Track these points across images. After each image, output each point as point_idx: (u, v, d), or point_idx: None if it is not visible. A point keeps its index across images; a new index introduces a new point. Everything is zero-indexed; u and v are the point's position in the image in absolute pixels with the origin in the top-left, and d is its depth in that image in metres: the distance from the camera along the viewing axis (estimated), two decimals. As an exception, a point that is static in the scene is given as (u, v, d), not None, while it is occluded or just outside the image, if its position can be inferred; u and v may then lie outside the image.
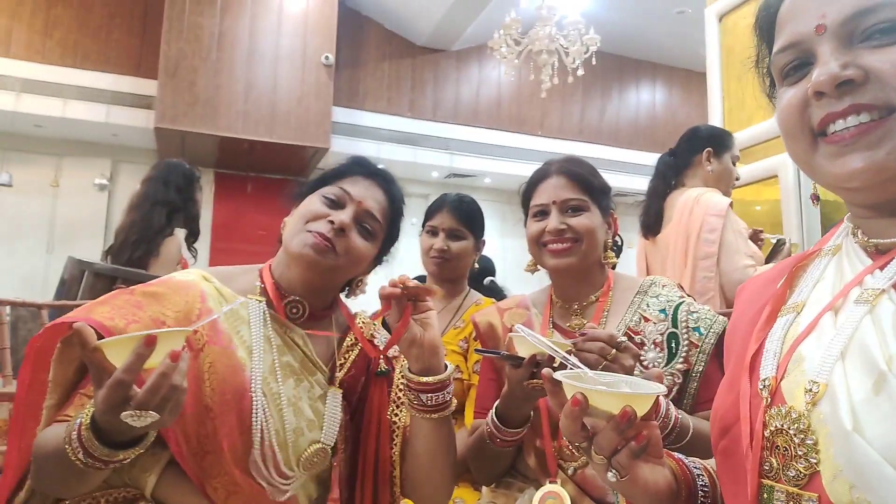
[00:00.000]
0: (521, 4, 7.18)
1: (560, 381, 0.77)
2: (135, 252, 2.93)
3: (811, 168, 0.72)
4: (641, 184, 2.86)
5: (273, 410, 1.15)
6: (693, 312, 1.34)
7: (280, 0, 8.12)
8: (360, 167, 1.32)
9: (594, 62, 6.83)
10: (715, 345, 1.31)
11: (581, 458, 1.27)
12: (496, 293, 3.14)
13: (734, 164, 2.65)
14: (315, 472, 1.23)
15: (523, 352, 1.15)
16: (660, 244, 2.64)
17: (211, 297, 1.20)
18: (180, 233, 3.30)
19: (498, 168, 9.90)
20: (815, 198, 1.25)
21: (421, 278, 2.32)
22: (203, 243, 8.82)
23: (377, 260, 1.36)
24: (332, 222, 1.20)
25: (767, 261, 2.59)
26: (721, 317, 1.35)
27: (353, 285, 1.37)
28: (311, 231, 1.20)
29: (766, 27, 0.78)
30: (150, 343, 0.85)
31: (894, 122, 0.64)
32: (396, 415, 1.28)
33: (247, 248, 8.32)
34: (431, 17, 9.08)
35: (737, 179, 2.71)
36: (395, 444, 1.26)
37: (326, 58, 8.19)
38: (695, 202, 2.47)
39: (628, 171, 9.46)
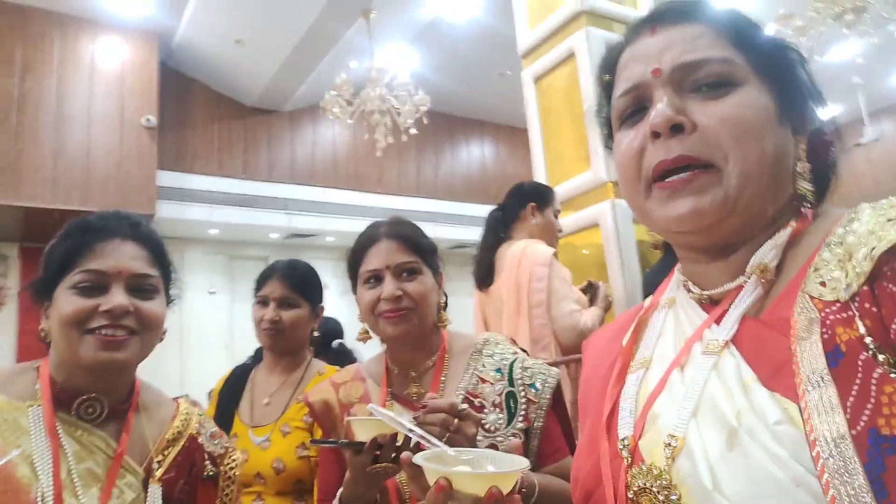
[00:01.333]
0: (351, 65, 7.31)
1: (420, 466, 0.73)
2: None
3: (643, 212, 0.75)
4: (479, 234, 2.96)
5: None
6: (527, 368, 1.34)
7: (91, 60, 7.60)
8: (94, 233, 1.12)
9: (426, 121, 7.08)
10: (551, 398, 1.32)
11: None
12: (345, 356, 3.04)
13: (556, 217, 2.84)
14: None
15: (362, 435, 1.08)
16: (493, 295, 2.74)
17: None
18: None
19: (339, 226, 9.84)
20: (655, 246, 1.32)
21: (260, 351, 2.19)
22: (8, 327, 7.83)
23: (168, 303, 1.22)
24: (108, 311, 1.05)
25: (591, 303, 2.77)
26: (554, 369, 1.37)
27: None
28: (91, 332, 1.05)
29: (605, 78, 0.82)
30: None
31: (717, 174, 0.68)
32: None
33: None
34: (260, 78, 8.97)
35: (559, 231, 2.89)
36: None
37: (148, 120, 7.75)
38: (522, 254, 2.61)
39: (465, 224, 9.83)
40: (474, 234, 3.09)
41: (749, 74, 0.70)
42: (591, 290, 2.86)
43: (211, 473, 1.19)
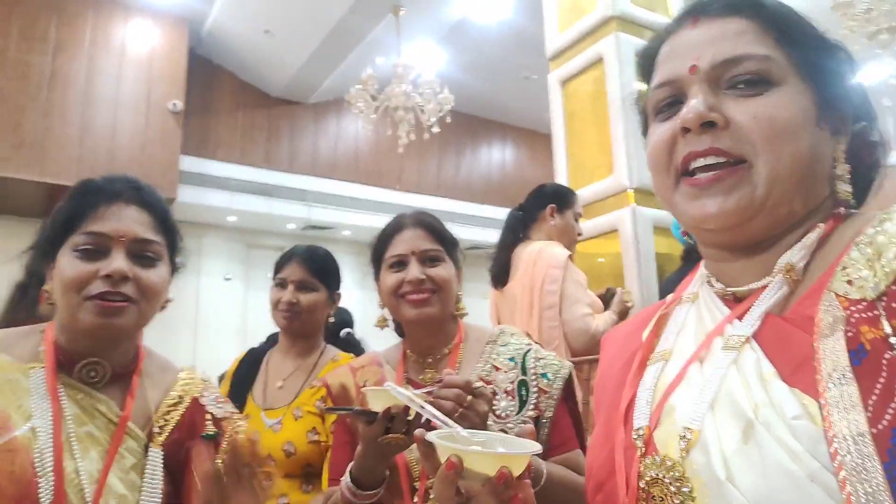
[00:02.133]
0: (377, 61, 7.34)
1: (432, 443, 0.73)
2: None
3: (671, 204, 0.76)
4: (495, 236, 2.98)
5: (71, 493, 0.98)
6: (540, 359, 1.38)
7: (122, 42, 7.70)
8: (98, 195, 1.10)
9: (449, 120, 7.10)
10: (562, 390, 1.34)
11: None
12: (353, 346, 3.06)
13: (576, 221, 2.84)
14: None
15: (377, 406, 1.10)
16: (507, 294, 2.74)
17: None
18: None
19: (356, 220, 9.88)
20: (686, 233, 1.32)
21: (273, 337, 2.21)
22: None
23: (172, 272, 1.20)
24: (108, 276, 1.03)
25: (605, 308, 2.76)
26: (567, 362, 1.40)
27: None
28: (90, 298, 1.03)
29: (645, 68, 0.82)
30: None
31: (744, 172, 0.68)
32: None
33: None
34: (287, 69, 9.03)
35: (579, 235, 2.89)
36: None
37: (174, 104, 7.84)
38: (537, 255, 2.61)
39: (482, 225, 9.84)
40: (490, 235, 3.11)
41: (789, 74, 0.69)
42: (608, 295, 2.86)
43: (211, 433, 1.18)
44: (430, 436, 0.74)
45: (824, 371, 0.58)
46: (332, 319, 2.10)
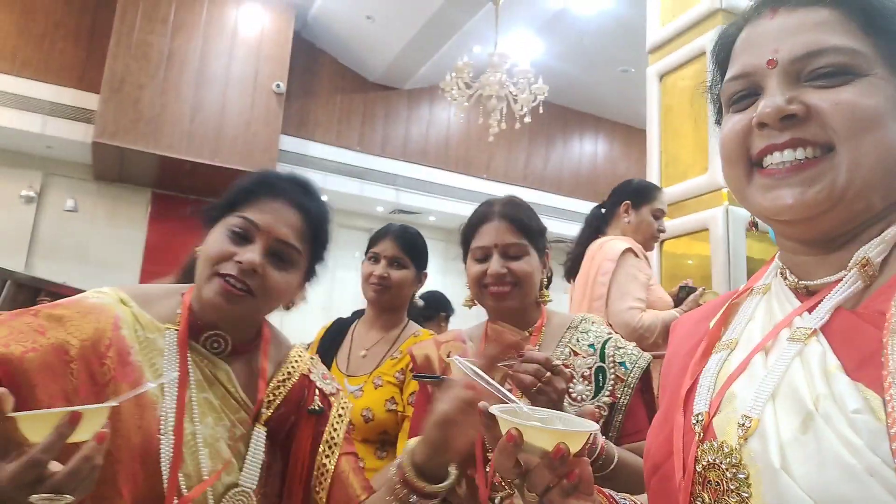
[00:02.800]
0: (474, 50, 7.37)
1: (494, 416, 0.76)
2: None
3: (744, 196, 0.75)
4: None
5: (186, 453, 1.05)
6: (620, 348, 1.39)
7: (234, 25, 8.10)
8: (265, 188, 1.16)
9: (541, 111, 7.05)
10: (639, 379, 1.35)
11: (508, 489, 1.27)
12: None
13: (656, 218, 2.78)
14: None
15: (463, 377, 1.15)
16: (576, 286, 2.75)
17: (126, 323, 1.07)
18: None
19: (442, 207, 10.00)
20: (753, 225, 1.31)
21: (359, 311, 2.31)
22: (133, 264, 8.57)
23: (307, 278, 1.25)
24: (240, 262, 1.08)
25: (676, 305, 2.69)
26: (645, 353, 1.40)
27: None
28: (220, 275, 1.08)
29: (721, 55, 0.81)
30: (74, 421, 0.79)
31: (829, 162, 0.66)
32: (327, 456, 1.18)
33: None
34: (385, 55, 9.22)
35: (661, 231, 2.83)
36: (322, 489, 1.16)
37: (278, 86, 8.17)
38: (598, 248, 2.60)
39: (569, 219, 9.71)
40: (574, 229, 3.09)
41: (875, 64, 0.67)
42: (682, 292, 2.78)
43: (317, 408, 1.21)
44: (493, 409, 0.76)
45: (892, 367, 0.57)
46: (418, 297, 2.21)
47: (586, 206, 3.44)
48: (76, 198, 8.50)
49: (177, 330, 1.11)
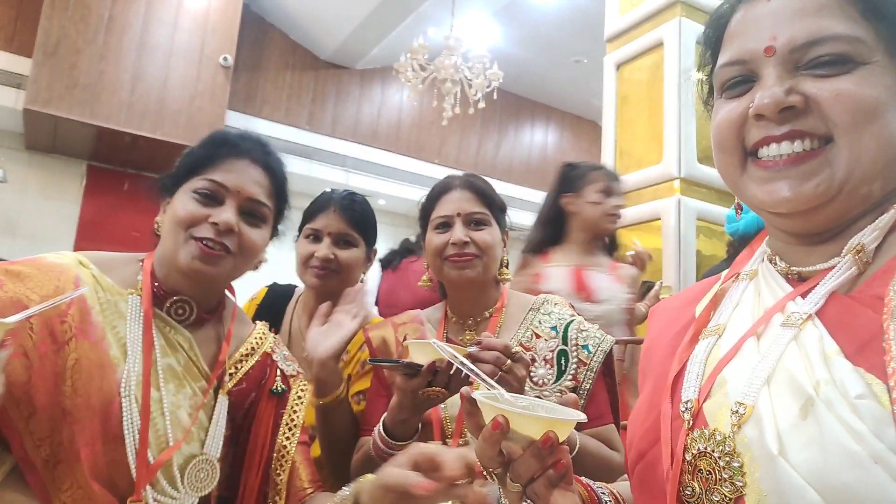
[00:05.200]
0: (429, 32, 7.28)
1: (476, 402, 0.73)
2: None
3: (737, 186, 0.73)
4: (529, 219, 2.92)
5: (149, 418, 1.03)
6: (583, 331, 1.37)
7: (180, -7, 7.76)
8: (226, 148, 1.16)
9: (495, 97, 7.03)
10: (602, 363, 1.34)
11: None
12: None
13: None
14: (203, 493, 1.08)
15: (419, 360, 1.11)
16: None
17: (87, 284, 1.05)
18: None
19: (393, 190, 9.89)
20: (739, 207, 1.31)
21: (287, 289, 1.97)
22: (66, 239, 8.16)
23: (272, 235, 1.26)
24: (215, 224, 1.09)
25: (639, 300, 2.73)
26: (609, 336, 1.39)
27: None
28: (196, 238, 1.09)
29: (713, 36, 0.77)
30: None
31: (828, 153, 0.65)
32: (288, 439, 1.18)
33: (117, 249, 7.68)
34: (338, 33, 9.01)
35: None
36: (283, 471, 1.16)
37: (225, 59, 7.88)
38: None
39: (518, 207, 9.74)
40: (524, 217, 3.05)
41: (875, 51, 0.65)
42: (643, 288, 2.80)
43: (280, 390, 1.21)
44: (477, 395, 0.73)
45: (894, 351, 0.56)
46: (364, 278, 1.79)
47: (535, 195, 3.43)
48: (5, 168, 8.01)
49: (139, 295, 1.10)
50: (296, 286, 1.94)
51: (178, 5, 7.72)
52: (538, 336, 1.36)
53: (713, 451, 0.64)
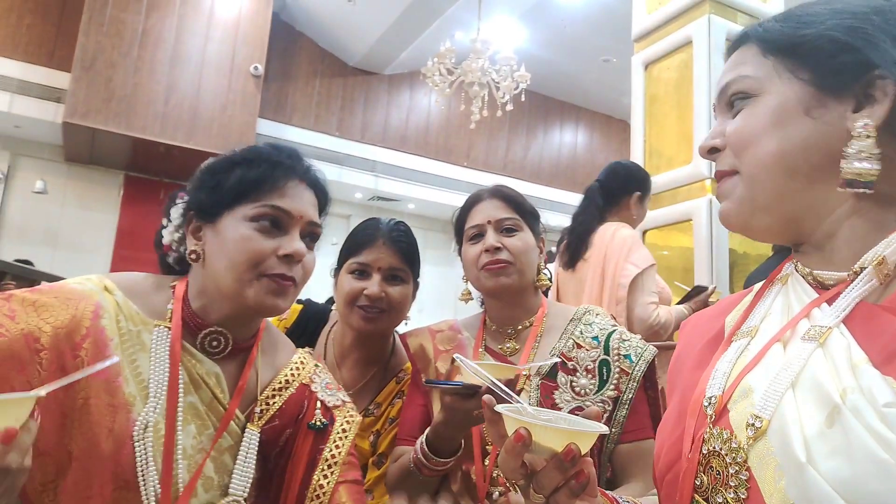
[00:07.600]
0: (456, 36, 7.30)
1: (499, 413, 0.73)
2: None
3: None
4: (560, 220, 2.90)
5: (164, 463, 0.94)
6: (625, 340, 1.35)
7: (211, 4, 7.92)
8: (285, 170, 1.05)
9: (523, 99, 7.02)
10: (644, 373, 1.32)
11: (508, 487, 1.23)
12: None
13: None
14: None
15: (475, 379, 1.04)
16: (577, 275, 2.67)
17: (107, 313, 0.97)
18: None
19: (422, 195, 9.94)
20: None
21: (322, 309, 1.80)
22: (105, 249, 8.39)
23: None
24: (287, 256, 0.99)
25: (682, 303, 2.68)
26: (651, 346, 1.36)
27: None
28: (268, 276, 0.99)
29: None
30: None
31: (736, 180, 0.74)
32: (325, 476, 1.06)
33: (153, 257, 7.87)
34: (366, 39, 9.10)
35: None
36: None
37: (256, 68, 8.02)
38: (611, 237, 2.53)
39: (548, 208, 9.72)
40: (555, 219, 3.04)
41: (774, 78, 0.71)
42: (694, 291, 2.76)
43: (319, 424, 1.09)
44: (501, 408, 0.74)
45: None
46: (408, 319, 1.62)
47: (565, 196, 3.42)
48: (46, 179, 8.28)
49: (167, 328, 1.00)
50: (331, 308, 1.80)
51: (209, 17, 7.89)
52: (580, 346, 1.34)
53: (726, 455, 0.65)
